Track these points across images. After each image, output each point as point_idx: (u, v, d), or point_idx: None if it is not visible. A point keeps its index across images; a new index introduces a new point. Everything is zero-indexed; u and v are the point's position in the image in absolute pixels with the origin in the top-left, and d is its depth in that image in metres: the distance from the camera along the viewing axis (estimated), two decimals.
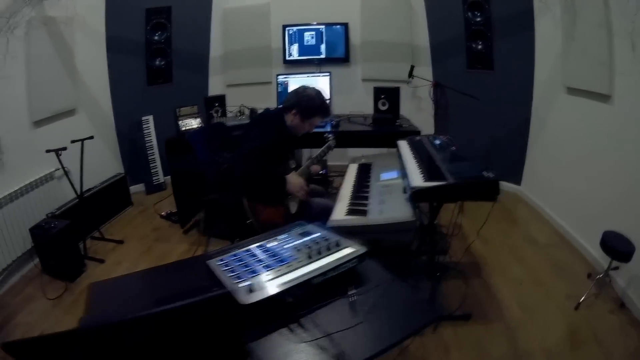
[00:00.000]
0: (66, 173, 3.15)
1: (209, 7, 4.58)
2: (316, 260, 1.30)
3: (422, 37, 4.43)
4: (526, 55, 3.73)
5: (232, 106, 4.00)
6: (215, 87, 4.79)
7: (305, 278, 1.21)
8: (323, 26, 4.42)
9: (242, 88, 4.60)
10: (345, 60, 4.54)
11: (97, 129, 3.86)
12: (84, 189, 3.35)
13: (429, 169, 2.26)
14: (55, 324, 2.57)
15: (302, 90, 2.51)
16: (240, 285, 1.19)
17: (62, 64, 3.42)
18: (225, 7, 4.57)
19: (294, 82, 3.94)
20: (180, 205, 3.54)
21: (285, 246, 1.42)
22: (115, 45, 3.97)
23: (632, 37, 2.49)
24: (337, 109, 4.04)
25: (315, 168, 2.72)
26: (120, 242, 3.43)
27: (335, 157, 4.03)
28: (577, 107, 3.20)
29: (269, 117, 2.68)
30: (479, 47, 3.97)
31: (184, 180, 3.48)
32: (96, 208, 3.54)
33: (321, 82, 3.92)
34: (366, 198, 2.29)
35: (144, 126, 4.20)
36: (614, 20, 2.66)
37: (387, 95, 3.81)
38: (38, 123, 3.22)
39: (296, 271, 1.24)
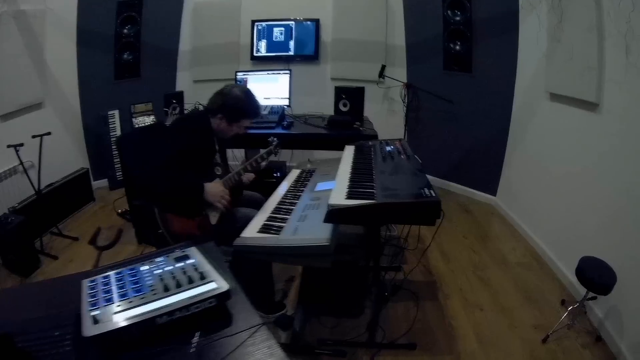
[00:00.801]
0: (24, 168, 3.20)
1: (180, 0, 4.54)
2: (171, 294, 1.14)
3: (397, 36, 4.34)
4: (508, 58, 3.57)
5: (189, 104, 3.95)
6: (182, 82, 4.78)
7: (149, 316, 1.06)
8: (293, 22, 4.37)
9: (208, 84, 4.49)
10: (314, 58, 4.48)
11: (64, 123, 3.93)
12: (48, 182, 3.46)
13: (359, 183, 2.03)
14: None
15: (228, 91, 2.32)
16: (91, 313, 1.08)
17: (31, 58, 3.47)
18: (197, 0, 4.53)
19: (253, 80, 3.89)
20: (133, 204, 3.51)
21: (154, 272, 1.28)
22: (85, 39, 3.99)
23: (626, 39, 2.19)
24: (296, 109, 4.02)
25: (249, 176, 2.58)
26: (76, 238, 3.48)
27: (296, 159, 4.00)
28: (561, 115, 2.97)
29: (191, 120, 2.53)
30: (457, 47, 3.86)
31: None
32: (57, 203, 3.59)
33: (281, 81, 3.88)
34: (289, 212, 2.09)
35: (109, 120, 4.23)
36: (606, 20, 2.38)
37: (350, 96, 3.67)
38: (3, 117, 3.29)
39: (145, 306, 1.10)
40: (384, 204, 1.76)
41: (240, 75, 3.91)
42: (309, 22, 4.37)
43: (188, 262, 1.33)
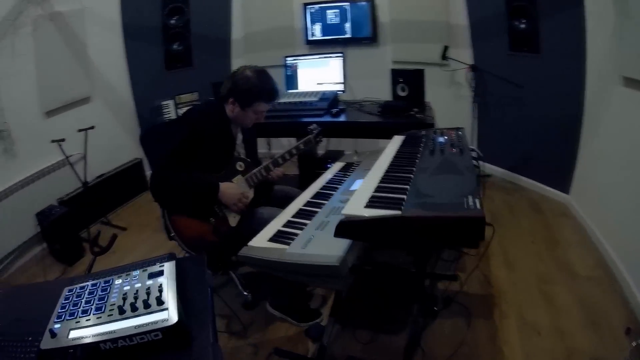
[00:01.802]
0: (69, 162, 3.27)
1: None
2: (122, 319, 1.02)
3: (459, 14, 3.85)
4: (576, 36, 3.00)
5: None
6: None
7: (93, 340, 0.96)
8: (347, 3, 4.04)
9: None
10: (372, 40, 4.12)
11: (115, 115, 3.97)
12: (100, 173, 3.57)
13: (389, 186, 1.61)
14: None
15: (239, 73, 2.07)
16: (52, 325, 1.02)
17: (73, 55, 3.49)
18: None
19: (304, 65, 3.67)
20: None
21: (123, 287, 1.14)
22: (132, 33, 3.97)
23: None
24: (352, 95, 3.69)
25: (277, 172, 2.31)
26: (124, 229, 3.50)
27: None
28: (638, 103, 2.44)
29: (200, 109, 2.26)
30: (522, 26, 3.33)
31: None
32: (107, 193, 3.64)
33: (333, 65, 3.58)
34: (311, 216, 1.74)
35: (163, 111, 4.18)
36: None
37: (407, 79, 3.31)
38: (49, 113, 3.36)
39: (97, 327, 1.00)
40: (412, 219, 1.28)
41: (289, 61, 3.69)
42: (363, 3, 4.01)
43: (158, 280, 1.16)
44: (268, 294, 2.44)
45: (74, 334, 0.99)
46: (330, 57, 3.60)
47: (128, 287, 1.14)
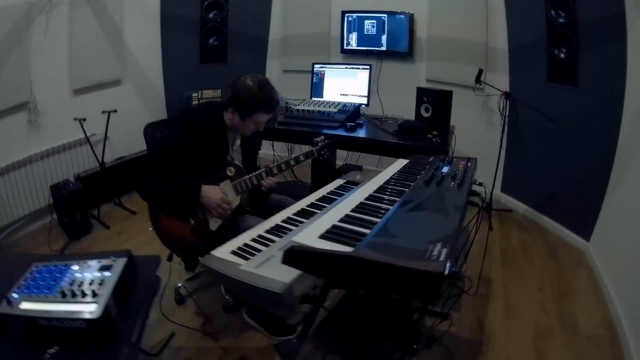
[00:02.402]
0: (89, 141, 3.38)
1: None
2: (64, 302, 1.12)
3: (499, 37, 3.66)
4: (615, 72, 2.77)
5: None
6: (272, 71, 4.68)
7: (34, 315, 1.09)
8: (385, 15, 3.94)
9: (297, 75, 4.36)
10: (407, 55, 4.00)
11: (144, 101, 4.06)
12: (121, 155, 3.70)
13: (358, 217, 1.56)
14: None
15: (240, 82, 2.01)
16: (11, 294, 1.14)
17: (107, 38, 3.59)
18: None
19: (331, 74, 3.61)
20: None
21: (75, 274, 1.23)
22: (169, 22, 4.05)
23: None
24: (377, 110, 3.59)
25: (269, 181, 2.22)
26: (134, 212, 3.57)
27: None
28: None
29: (195, 113, 2.24)
30: (562, 55, 3.12)
31: None
32: (124, 176, 3.72)
33: (360, 77, 3.50)
34: (284, 233, 1.68)
35: (193, 102, 4.25)
36: None
37: (432, 100, 3.17)
38: (78, 91, 3.49)
39: (41, 304, 1.12)
40: (362, 260, 1.11)
41: (317, 68, 3.64)
42: (402, 16, 3.89)
43: (105, 274, 1.24)
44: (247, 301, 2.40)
45: (24, 305, 1.11)
46: (358, 68, 3.52)
47: (79, 275, 1.23)
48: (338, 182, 2.33)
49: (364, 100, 3.51)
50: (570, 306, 2.59)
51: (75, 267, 1.26)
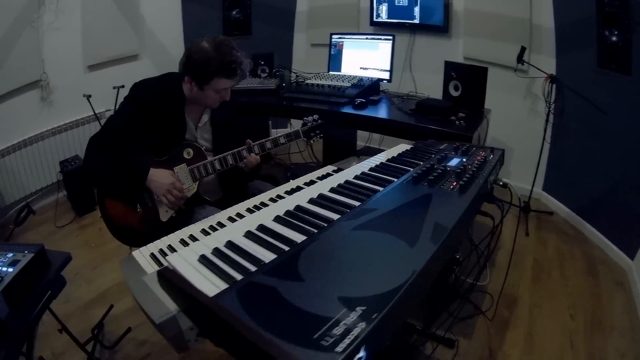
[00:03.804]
0: (97, 117, 3.32)
1: None
2: None
3: (545, 13, 3.07)
4: None
5: (304, 72, 3.39)
6: (299, 45, 4.41)
7: None
8: None
9: (325, 49, 4.02)
10: (443, 30, 3.52)
11: None
12: None
13: (264, 239, 1.11)
14: (46, 246, 2.80)
15: (195, 44, 1.70)
16: None
17: (122, 13, 3.49)
18: None
19: (350, 45, 3.25)
20: None
21: None
22: None
23: None
24: (402, 87, 3.19)
25: (250, 159, 1.88)
26: None
27: None
28: None
29: (144, 85, 1.83)
30: (614, 38, 2.53)
31: None
32: None
33: (382, 49, 3.09)
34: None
35: None
36: None
37: (462, 76, 2.71)
38: (92, 67, 3.46)
39: None
40: (215, 313, 0.78)
41: (335, 39, 3.29)
42: None
43: (7, 269, 1.30)
44: None
45: None
46: (380, 39, 3.11)
47: None
48: (328, 168, 1.91)
49: (386, 75, 3.09)
50: (601, 342, 2.10)
51: None
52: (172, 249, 1.31)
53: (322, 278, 0.87)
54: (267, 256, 1.01)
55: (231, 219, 1.47)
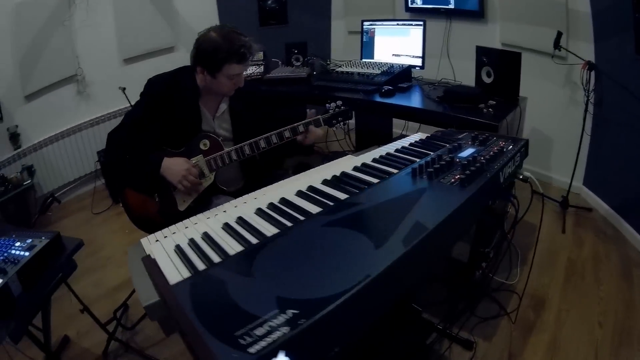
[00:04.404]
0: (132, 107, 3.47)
1: None
2: None
3: None
4: None
5: (338, 60, 3.42)
6: (337, 33, 4.38)
7: None
8: None
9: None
10: (479, 14, 3.35)
11: None
12: None
13: (247, 223, 1.16)
14: (81, 233, 3.03)
15: (203, 35, 1.75)
16: None
17: (156, 7, 3.61)
18: None
19: (381, 32, 3.18)
20: None
21: (11, 250, 1.44)
22: None
23: None
24: (435, 73, 3.15)
25: (316, 132, 1.92)
26: None
27: None
28: None
29: (166, 77, 1.88)
30: None
31: None
32: None
33: (413, 35, 2.99)
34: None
35: None
36: None
37: (494, 62, 2.53)
38: (128, 61, 3.61)
39: None
40: (168, 300, 0.88)
41: (366, 26, 3.24)
42: None
43: (23, 253, 1.46)
44: None
45: None
46: (411, 25, 3.02)
47: (13, 251, 1.47)
48: (348, 158, 1.87)
49: (418, 62, 3.00)
50: (629, 356, 1.94)
51: (18, 244, 1.50)
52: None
53: (271, 275, 0.87)
54: (236, 249, 1.03)
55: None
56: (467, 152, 1.49)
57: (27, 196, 3.12)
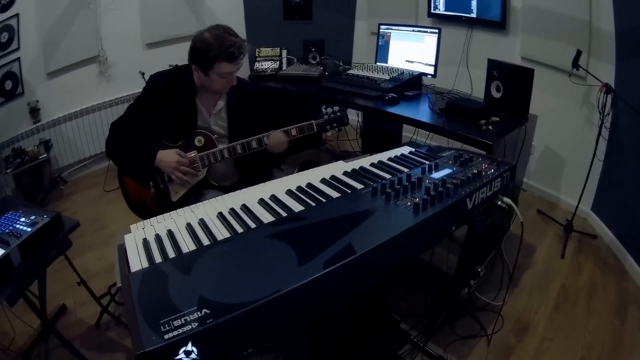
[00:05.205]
0: None
1: None
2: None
3: (604, 15, 2.69)
4: None
5: (357, 62, 3.37)
6: (360, 33, 4.37)
7: None
8: None
9: None
10: (500, 25, 3.26)
11: None
12: None
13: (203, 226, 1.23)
14: (91, 208, 3.18)
15: (197, 35, 1.84)
16: None
17: None
18: None
19: (396, 36, 3.12)
20: None
21: (16, 224, 1.60)
22: None
23: None
24: (447, 82, 3.11)
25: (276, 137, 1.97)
26: None
27: None
28: None
29: (165, 73, 2.02)
30: None
31: None
32: None
33: (428, 42, 2.93)
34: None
35: None
36: None
37: (504, 77, 2.41)
38: (150, 45, 3.73)
39: None
40: (124, 286, 0.97)
41: (383, 29, 3.21)
42: None
43: (26, 229, 1.61)
44: None
45: None
46: (426, 32, 2.96)
47: (17, 226, 1.62)
48: (340, 164, 1.86)
49: (430, 70, 2.94)
50: None
51: (23, 219, 1.66)
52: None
53: (203, 276, 0.96)
54: (190, 247, 1.11)
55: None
56: (442, 173, 1.48)
57: (42, 169, 3.28)
